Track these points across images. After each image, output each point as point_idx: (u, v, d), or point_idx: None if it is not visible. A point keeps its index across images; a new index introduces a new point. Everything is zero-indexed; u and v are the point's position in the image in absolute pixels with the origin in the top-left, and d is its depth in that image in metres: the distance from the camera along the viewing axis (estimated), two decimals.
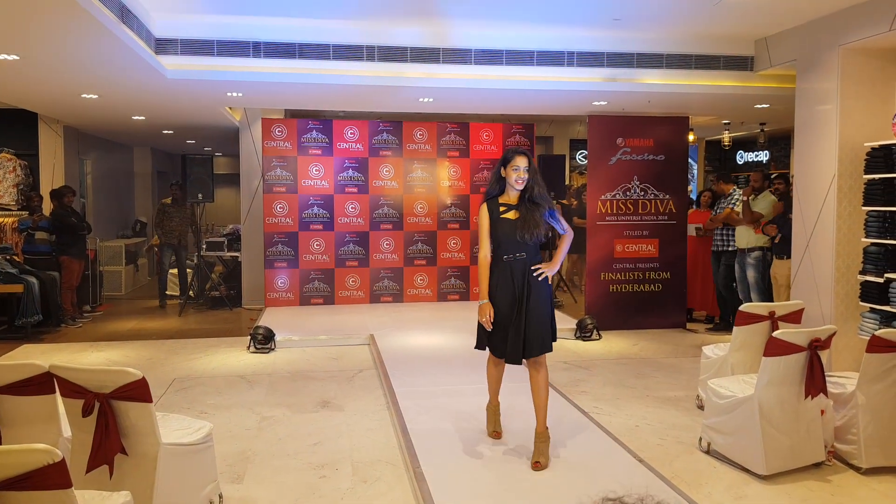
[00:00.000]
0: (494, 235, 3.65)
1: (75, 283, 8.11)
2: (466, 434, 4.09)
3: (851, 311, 5.35)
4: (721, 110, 8.61)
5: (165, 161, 15.13)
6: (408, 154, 8.76)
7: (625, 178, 7.77)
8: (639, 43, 6.42)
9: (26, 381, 2.92)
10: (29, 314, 7.18)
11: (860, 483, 3.60)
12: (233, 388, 5.38)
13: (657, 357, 6.42)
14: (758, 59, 6.51)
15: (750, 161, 13.59)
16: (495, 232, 3.66)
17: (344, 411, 4.79)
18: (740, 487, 3.54)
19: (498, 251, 3.65)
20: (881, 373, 3.71)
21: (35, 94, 7.04)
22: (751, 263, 6.80)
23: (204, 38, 5.83)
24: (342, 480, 3.64)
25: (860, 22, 5.11)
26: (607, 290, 7.79)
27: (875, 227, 5.07)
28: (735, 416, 3.75)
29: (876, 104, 5.34)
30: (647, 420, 4.59)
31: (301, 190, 8.52)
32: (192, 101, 7.50)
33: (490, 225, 3.67)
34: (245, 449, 4.09)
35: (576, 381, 5.53)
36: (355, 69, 6.13)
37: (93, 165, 11.07)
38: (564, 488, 3.37)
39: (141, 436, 2.87)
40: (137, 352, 6.60)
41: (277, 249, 8.50)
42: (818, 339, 3.66)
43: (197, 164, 8.72)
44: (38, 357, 6.24)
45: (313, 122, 8.58)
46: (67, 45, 4.89)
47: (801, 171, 5.78)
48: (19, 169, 8.30)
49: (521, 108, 8.29)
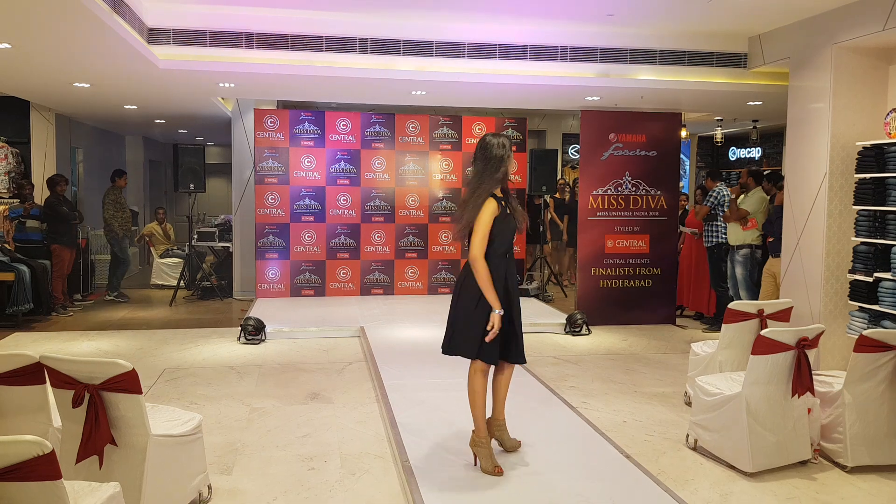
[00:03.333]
0: (493, 232, 3.39)
1: (66, 271, 8.07)
2: (454, 427, 4.11)
3: (840, 310, 5.39)
4: (714, 107, 8.63)
5: (157, 150, 15.04)
6: (400, 147, 8.75)
7: (617, 174, 7.79)
8: (632, 39, 6.42)
9: (16, 372, 2.92)
10: (20, 302, 7.15)
11: (845, 481, 3.65)
12: (223, 379, 5.38)
13: (646, 353, 6.46)
14: (751, 57, 6.53)
15: (742, 157, 13.64)
16: (498, 229, 3.41)
17: (333, 403, 4.80)
18: (726, 484, 3.57)
19: (498, 249, 3.42)
20: (868, 372, 3.75)
21: (27, 82, 6.98)
22: (739, 261, 6.85)
23: (196, 29, 5.79)
24: (331, 472, 3.66)
25: (854, 21, 5.13)
26: (597, 284, 7.83)
27: (865, 227, 5.11)
28: (722, 414, 3.79)
29: (868, 103, 5.37)
30: (634, 416, 4.63)
31: (293, 181, 8.50)
32: (184, 92, 7.45)
33: (495, 222, 3.39)
34: (234, 440, 4.10)
35: (564, 375, 5.56)
36: (348, 61, 6.11)
37: (84, 154, 10.99)
38: (551, 482, 3.40)
39: (130, 427, 2.88)
40: (128, 341, 6.59)
41: (269, 240, 8.49)
42: (806, 338, 3.69)
43: (189, 153, 8.67)
44: (28, 346, 6.22)
45: (305, 114, 8.54)
46: (59, 34, 4.85)
47: (793, 169, 5.82)
48: (11, 157, 8.23)
49: (513, 101, 8.29)
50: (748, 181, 6.99)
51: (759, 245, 6.78)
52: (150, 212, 13.65)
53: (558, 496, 3.26)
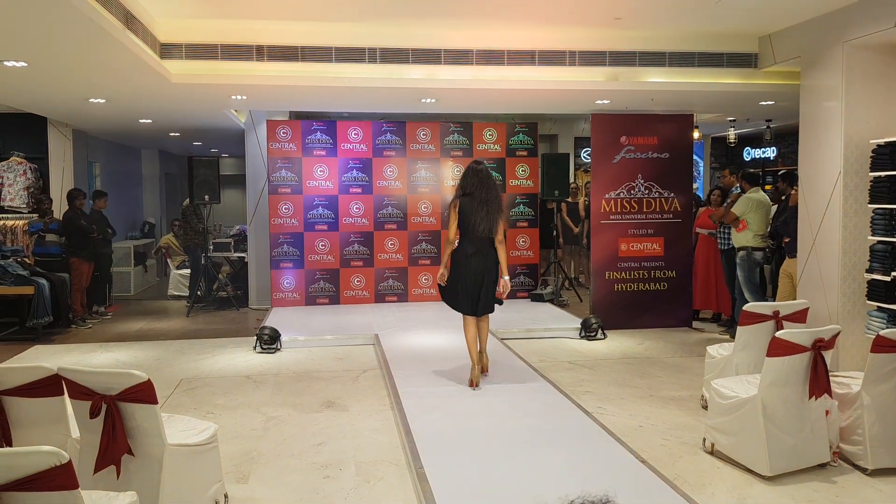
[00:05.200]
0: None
1: (85, 284, 8.20)
2: (469, 434, 4.11)
3: (858, 310, 5.32)
4: (725, 107, 8.58)
5: (173, 163, 15.24)
6: (411, 154, 8.79)
7: (629, 177, 7.75)
8: (641, 41, 6.40)
9: (35, 384, 2.97)
10: (40, 315, 7.27)
11: (865, 484, 3.59)
12: (239, 388, 5.43)
13: (662, 356, 6.42)
14: (762, 56, 6.49)
15: (757, 157, 13.53)
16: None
17: (348, 411, 4.82)
18: (744, 488, 3.54)
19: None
20: (886, 373, 3.69)
21: (43, 99, 7.12)
22: (738, 263, 6.84)
23: (208, 43, 5.87)
24: (346, 481, 3.67)
25: (864, 18, 5.08)
26: (612, 289, 7.78)
27: (881, 225, 5.05)
28: (739, 417, 3.75)
29: (881, 101, 5.31)
30: (650, 420, 4.59)
31: (306, 191, 8.56)
32: (197, 105, 7.55)
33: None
34: (250, 449, 4.13)
35: (580, 380, 5.54)
36: (357, 71, 6.16)
37: (101, 168, 11.17)
38: (566, 488, 3.38)
39: (147, 437, 2.91)
40: (146, 352, 6.67)
41: (283, 250, 8.55)
42: (822, 340, 3.65)
43: (203, 165, 8.79)
44: (48, 358, 6.32)
45: (317, 124, 8.61)
46: (74, 51, 4.94)
47: (807, 168, 5.76)
48: (30, 172, 8.39)
49: (523, 107, 8.29)
50: (740, 182, 7.02)
51: (758, 247, 6.73)
52: (166, 224, 13.84)
53: None
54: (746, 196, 6.82)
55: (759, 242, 6.74)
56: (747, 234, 6.74)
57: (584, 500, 1.40)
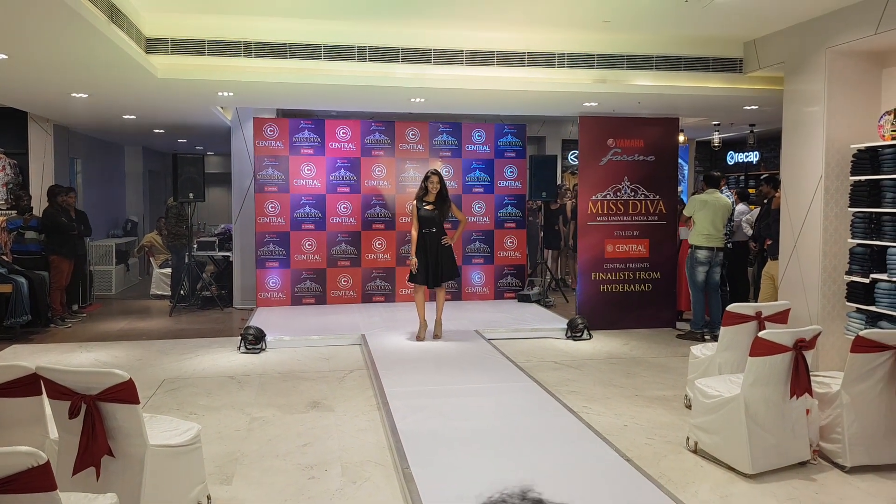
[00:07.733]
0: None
1: (65, 283, 8.08)
2: (455, 434, 4.11)
3: (838, 311, 5.40)
4: (710, 112, 8.66)
5: (157, 160, 15.08)
6: (400, 154, 8.77)
7: (615, 179, 7.81)
8: (629, 45, 6.45)
9: (13, 383, 2.92)
10: (18, 314, 7.15)
11: (844, 482, 3.64)
12: (223, 388, 5.38)
13: (647, 356, 6.46)
14: (746, 61, 6.56)
15: (741, 162, 13.67)
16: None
17: (334, 412, 4.80)
18: (726, 486, 3.57)
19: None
20: (865, 372, 3.75)
21: (24, 92, 7.01)
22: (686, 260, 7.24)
23: (194, 38, 5.82)
24: (331, 481, 3.65)
25: (847, 24, 5.16)
26: (598, 289, 7.83)
27: (861, 228, 5.12)
28: (721, 416, 3.78)
29: (862, 106, 5.39)
30: (635, 419, 4.62)
31: (293, 189, 8.51)
32: (183, 101, 7.48)
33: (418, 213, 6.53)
34: (234, 450, 4.09)
35: (566, 380, 5.56)
36: (346, 69, 6.14)
37: (83, 164, 11.02)
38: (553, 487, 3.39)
39: (128, 437, 2.87)
40: (127, 352, 6.59)
41: (269, 249, 8.50)
42: (803, 340, 3.69)
43: (188, 163, 8.69)
44: (26, 358, 6.22)
45: (305, 122, 8.57)
46: (56, 44, 4.87)
47: (789, 172, 5.83)
48: (9, 168, 8.26)
49: (512, 108, 8.31)
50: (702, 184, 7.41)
51: (701, 246, 6.94)
52: (149, 222, 13.69)
53: (561, 501, 3.25)
54: (694, 196, 7.17)
55: (702, 241, 6.94)
56: (693, 232, 7.04)
57: (503, 494, 1.43)
